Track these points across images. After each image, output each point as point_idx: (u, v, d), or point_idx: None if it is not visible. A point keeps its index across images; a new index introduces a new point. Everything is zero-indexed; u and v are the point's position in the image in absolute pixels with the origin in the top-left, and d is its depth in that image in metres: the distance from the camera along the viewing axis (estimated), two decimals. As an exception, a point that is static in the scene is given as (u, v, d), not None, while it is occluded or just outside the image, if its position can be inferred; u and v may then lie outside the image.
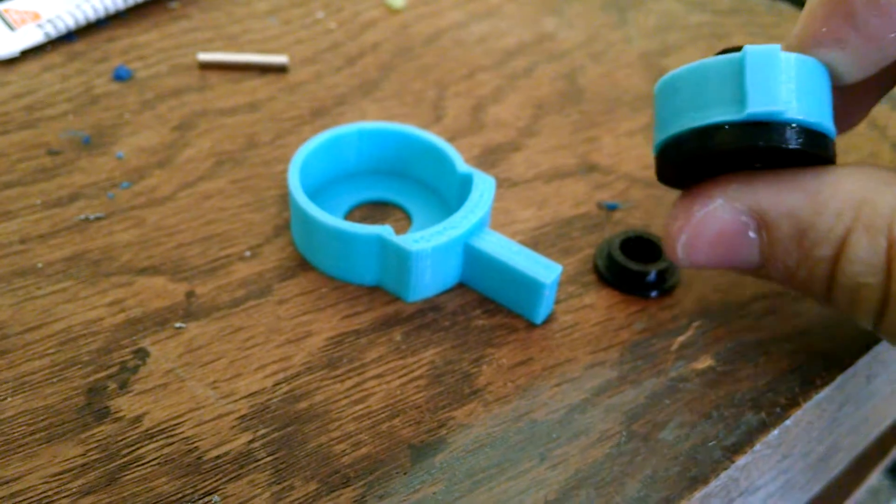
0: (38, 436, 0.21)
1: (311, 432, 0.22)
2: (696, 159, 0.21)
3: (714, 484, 0.22)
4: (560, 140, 0.34)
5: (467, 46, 0.40)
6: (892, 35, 0.20)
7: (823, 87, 0.21)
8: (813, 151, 0.20)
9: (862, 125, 0.37)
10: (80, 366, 0.23)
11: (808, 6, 0.21)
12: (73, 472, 0.21)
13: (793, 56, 0.20)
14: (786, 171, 0.21)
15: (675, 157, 0.21)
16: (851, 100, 0.24)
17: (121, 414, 0.22)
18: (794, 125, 0.20)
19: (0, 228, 0.27)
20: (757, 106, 0.20)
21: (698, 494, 0.22)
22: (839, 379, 0.25)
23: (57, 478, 0.20)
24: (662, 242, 0.23)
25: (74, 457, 0.21)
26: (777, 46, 0.20)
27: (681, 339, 0.26)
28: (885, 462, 0.54)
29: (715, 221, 0.21)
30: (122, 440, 0.21)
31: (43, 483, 0.20)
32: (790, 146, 0.20)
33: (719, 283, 0.28)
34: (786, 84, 0.20)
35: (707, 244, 0.22)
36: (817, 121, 0.20)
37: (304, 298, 0.26)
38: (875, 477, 0.60)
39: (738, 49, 0.21)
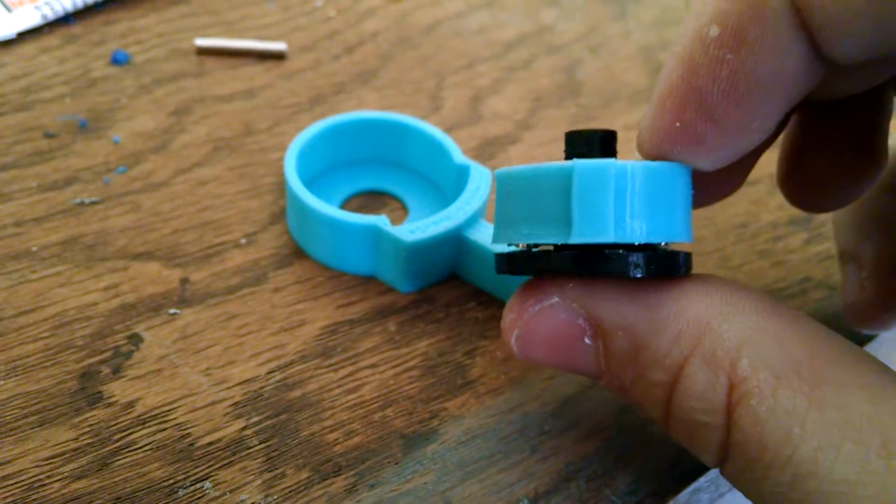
0: (30, 419, 0.21)
1: (303, 421, 0.22)
2: (528, 273, 0.19)
3: (703, 479, 0.22)
4: (557, 133, 0.34)
5: (466, 37, 0.40)
6: (755, 123, 0.17)
7: (677, 192, 0.18)
8: (654, 275, 0.18)
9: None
10: (73, 350, 0.23)
11: (655, 97, 0.18)
12: (65, 456, 0.21)
13: (635, 168, 0.17)
14: (630, 282, 0.18)
15: (507, 270, 0.19)
16: (721, 174, 0.21)
17: (114, 399, 0.22)
18: (633, 252, 0.17)
19: (-5, 211, 0.27)
20: (582, 235, 0.17)
21: (688, 489, 0.22)
22: (830, 377, 0.25)
23: (49, 461, 0.20)
24: (501, 334, 0.20)
25: (66, 441, 0.21)
26: (609, 163, 0.17)
27: (674, 334, 0.26)
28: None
29: (549, 320, 0.19)
30: (114, 425, 0.21)
31: (34, 467, 0.20)
32: (625, 274, 0.17)
33: (713, 280, 0.28)
34: (621, 206, 0.17)
35: (541, 343, 0.19)
36: (665, 239, 0.18)
37: (299, 287, 0.26)
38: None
39: (587, 142, 0.18)
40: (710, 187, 0.22)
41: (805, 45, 0.16)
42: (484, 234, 0.26)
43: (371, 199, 0.30)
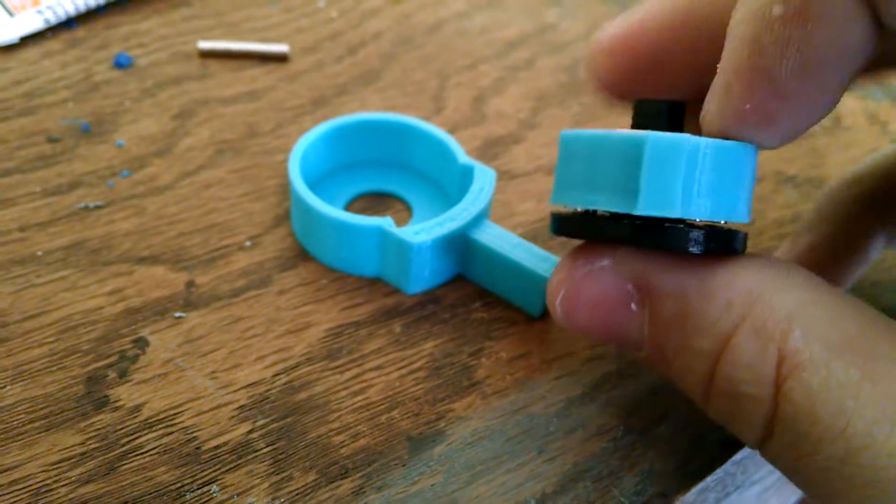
0: (37, 424, 0.21)
1: (310, 423, 0.22)
2: (584, 238, 0.19)
3: (710, 478, 0.22)
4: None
5: (469, 37, 0.40)
6: (825, 97, 0.17)
7: (743, 172, 0.18)
8: (712, 253, 0.18)
9: (862, 120, 0.37)
10: (79, 354, 0.23)
11: (720, 78, 0.18)
12: (72, 460, 0.21)
13: (707, 145, 0.17)
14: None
15: (563, 232, 0.19)
16: None
17: (120, 403, 0.22)
18: (694, 229, 0.17)
19: (-1, 216, 0.27)
20: (648, 208, 0.17)
21: (695, 489, 0.22)
22: (836, 375, 0.25)
23: (56, 466, 0.20)
24: (547, 297, 0.20)
25: (73, 445, 0.21)
26: (684, 139, 0.17)
27: (679, 333, 0.26)
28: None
29: (597, 284, 0.19)
30: (121, 429, 0.21)
31: (42, 471, 0.20)
32: (685, 250, 0.17)
33: (718, 278, 0.28)
34: (689, 182, 0.17)
35: (586, 307, 0.19)
36: (725, 217, 0.18)
37: (304, 289, 0.26)
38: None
39: (655, 113, 0.18)
40: None
41: (867, 16, 0.16)
42: (489, 235, 0.25)
43: (375, 201, 0.30)
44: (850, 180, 0.25)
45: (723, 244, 0.18)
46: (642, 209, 0.17)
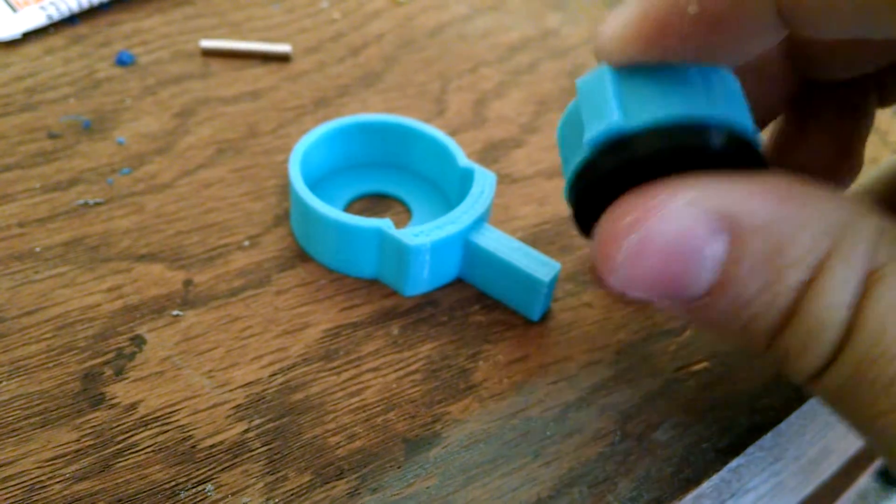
0: (32, 420, 0.21)
1: (306, 424, 0.22)
2: (619, 172, 0.18)
3: (706, 485, 0.22)
4: (561, 137, 0.34)
5: (471, 40, 0.40)
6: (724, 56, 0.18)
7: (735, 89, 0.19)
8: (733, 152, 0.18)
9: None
10: (76, 351, 0.23)
11: (626, 15, 0.18)
12: (67, 457, 0.21)
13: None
14: (757, 175, 0.18)
15: (602, 169, 0.18)
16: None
17: (116, 400, 0.22)
18: (719, 126, 0.18)
19: (-1, 211, 0.27)
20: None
21: (690, 495, 0.22)
22: (833, 384, 0.25)
23: (50, 463, 0.20)
24: (596, 249, 0.18)
25: (69, 442, 0.21)
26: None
27: (677, 340, 0.26)
28: (875, 465, 0.54)
29: (677, 221, 0.17)
30: (116, 427, 0.21)
31: (36, 468, 0.20)
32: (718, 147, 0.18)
33: (717, 285, 0.28)
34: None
35: (658, 253, 0.17)
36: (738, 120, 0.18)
37: (303, 290, 0.26)
38: (864, 480, 0.60)
39: None
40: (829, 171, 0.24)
41: (780, 29, 0.17)
42: (488, 238, 0.25)
43: (375, 203, 0.30)
44: (859, 192, 0.25)
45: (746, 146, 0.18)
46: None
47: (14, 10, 0.36)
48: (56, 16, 0.36)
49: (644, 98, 0.18)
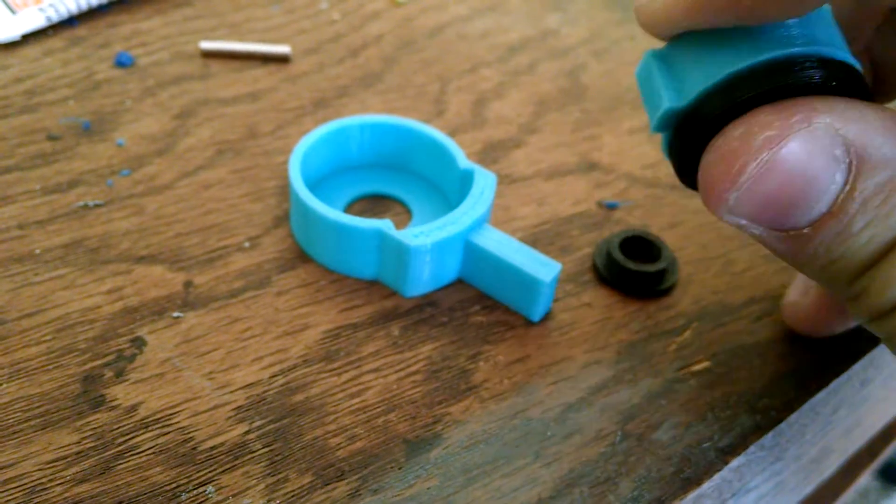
0: (33, 423, 0.21)
1: (306, 425, 0.22)
2: (726, 114, 0.18)
3: (707, 485, 0.22)
4: (561, 138, 0.34)
5: (470, 41, 0.40)
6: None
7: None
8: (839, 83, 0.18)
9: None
10: (76, 353, 0.23)
11: None
12: (68, 459, 0.21)
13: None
14: (884, 108, 0.17)
15: (727, 101, 0.18)
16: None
17: (116, 402, 0.22)
18: (840, 62, 0.18)
19: (-2, 213, 0.27)
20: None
21: (691, 495, 0.22)
22: (834, 383, 0.25)
23: (51, 465, 0.20)
24: (714, 166, 0.18)
25: (69, 444, 0.21)
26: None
27: (678, 339, 0.26)
28: (875, 464, 0.54)
29: (811, 143, 0.17)
30: (117, 429, 0.21)
31: (37, 470, 0.20)
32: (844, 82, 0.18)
33: (717, 285, 0.28)
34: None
35: (786, 173, 0.17)
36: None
37: (303, 291, 0.26)
38: (865, 478, 0.60)
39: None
40: None
41: None
42: (488, 239, 0.25)
43: (375, 203, 0.30)
44: None
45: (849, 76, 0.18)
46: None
47: (13, 11, 0.36)
48: (55, 17, 0.36)
49: (723, 51, 0.18)
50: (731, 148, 0.17)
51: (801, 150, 0.17)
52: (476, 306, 0.26)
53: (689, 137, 0.19)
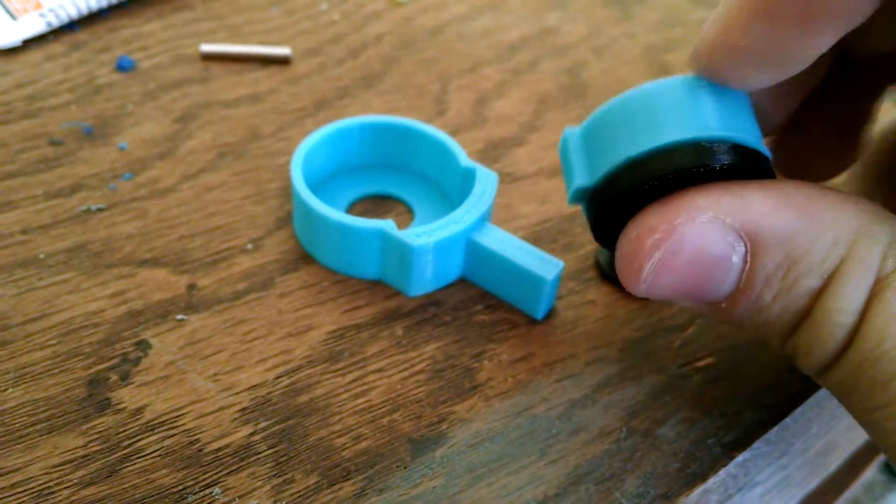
0: (39, 427, 0.21)
1: (311, 426, 0.22)
2: (635, 190, 0.19)
3: (713, 480, 0.22)
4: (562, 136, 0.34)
5: (470, 40, 0.40)
6: (814, 48, 0.18)
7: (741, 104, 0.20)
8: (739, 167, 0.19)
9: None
10: (81, 357, 0.23)
11: (723, 11, 0.19)
12: (74, 463, 0.21)
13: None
14: (774, 186, 0.19)
15: (635, 181, 0.19)
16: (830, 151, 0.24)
17: (122, 405, 0.22)
18: (733, 144, 0.19)
19: (1, 219, 0.27)
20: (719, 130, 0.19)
21: (697, 490, 0.22)
22: (839, 377, 0.25)
23: (58, 469, 0.20)
24: (620, 262, 0.20)
25: (75, 448, 0.21)
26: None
27: (681, 336, 0.26)
28: (881, 458, 0.54)
29: (698, 237, 0.18)
30: (123, 432, 0.21)
31: (44, 474, 0.20)
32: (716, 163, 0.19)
33: (720, 281, 0.28)
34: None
35: (683, 264, 0.19)
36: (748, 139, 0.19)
37: (306, 292, 0.26)
38: (870, 472, 0.60)
39: None
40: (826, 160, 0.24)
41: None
42: (491, 238, 0.25)
43: (377, 204, 0.30)
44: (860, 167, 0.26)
45: (751, 158, 0.19)
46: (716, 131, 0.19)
47: (14, 17, 0.36)
48: (55, 23, 0.36)
49: (649, 126, 0.19)
50: (628, 250, 0.19)
51: (690, 245, 0.18)
52: (479, 305, 0.26)
53: (599, 212, 0.20)
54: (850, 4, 0.17)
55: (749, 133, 0.19)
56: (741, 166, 0.19)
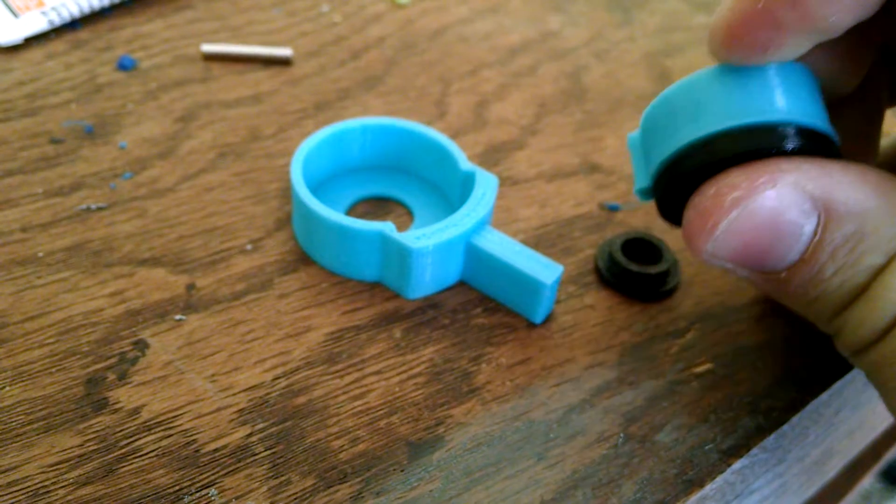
0: (36, 425, 0.21)
1: (309, 427, 0.22)
2: (705, 168, 0.20)
3: (710, 487, 0.22)
4: (562, 139, 0.34)
5: (472, 43, 0.40)
6: (832, 17, 0.18)
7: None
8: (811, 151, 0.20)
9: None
10: (79, 356, 0.23)
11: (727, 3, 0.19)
12: (71, 462, 0.21)
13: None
14: (852, 164, 0.19)
15: (704, 159, 0.20)
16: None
17: (119, 405, 0.22)
18: (799, 127, 0.20)
19: (1, 217, 0.27)
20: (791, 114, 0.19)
21: (694, 497, 0.22)
22: (837, 384, 0.25)
23: (54, 468, 0.20)
24: (692, 220, 0.20)
25: (72, 447, 0.21)
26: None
27: (680, 341, 0.26)
28: (878, 466, 0.54)
29: (777, 201, 0.19)
30: (120, 431, 0.21)
31: (40, 473, 0.20)
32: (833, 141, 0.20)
33: (719, 287, 0.28)
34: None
35: (754, 228, 0.19)
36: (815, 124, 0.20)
37: (305, 293, 0.26)
38: (868, 480, 0.60)
39: None
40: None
41: None
42: (490, 241, 0.25)
43: (376, 206, 0.30)
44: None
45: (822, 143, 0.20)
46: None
47: (15, 15, 0.36)
48: (57, 21, 0.36)
49: (720, 108, 0.20)
50: (704, 206, 0.19)
51: (768, 207, 0.19)
52: (478, 308, 0.26)
53: (666, 189, 0.21)
54: None
55: (815, 115, 0.20)
56: (809, 149, 0.19)
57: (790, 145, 0.19)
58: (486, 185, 0.27)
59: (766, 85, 0.19)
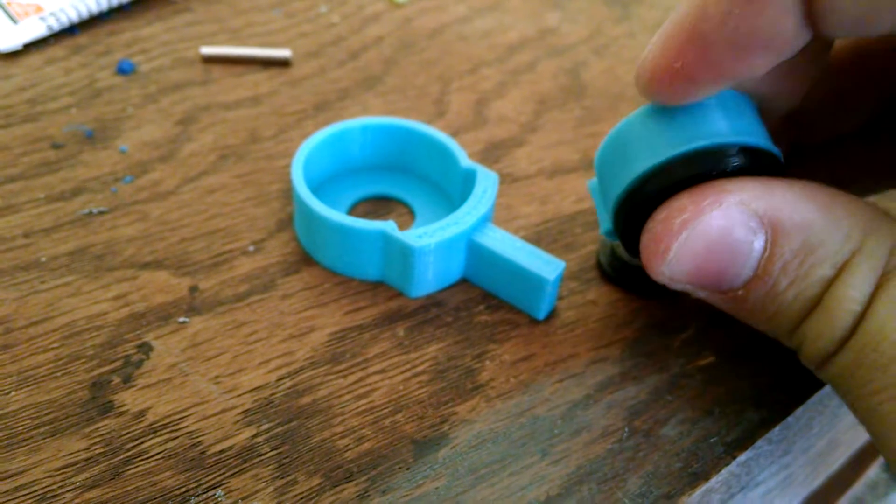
0: (42, 430, 0.21)
1: (314, 427, 0.22)
2: (662, 193, 0.21)
3: (715, 479, 0.22)
4: (562, 136, 0.34)
5: (470, 41, 0.40)
6: (745, 73, 0.19)
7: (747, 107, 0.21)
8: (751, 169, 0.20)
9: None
10: (84, 360, 0.23)
11: (661, 36, 0.20)
12: (78, 466, 0.21)
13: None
14: (795, 182, 0.20)
15: (653, 188, 0.20)
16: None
17: (125, 408, 0.22)
18: (741, 147, 0.20)
19: (3, 222, 0.27)
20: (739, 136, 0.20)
21: (699, 490, 0.22)
22: (840, 376, 0.25)
23: (61, 472, 0.20)
24: (647, 244, 0.20)
25: (78, 451, 0.21)
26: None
27: (683, 335, 0.26)
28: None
29: (724, 220, 0.19)
30: (125, 434, 0.21)
31: (47, 477, 0.20)
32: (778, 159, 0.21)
33: (721, 280, 0.28)
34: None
35: (705, 247, 0.19)
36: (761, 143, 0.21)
37: (308, 293, 0.26)
38: (873, 471, 0.60)
39: None
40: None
41: (802, 10, 0.18)
42: (492, 238, 0.26)
43: (378, 205, 0.30)
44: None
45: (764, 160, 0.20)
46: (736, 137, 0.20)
47: (14, 21, 0.36)
48: (56, 26, 0.36)
49: (661, 140, 0.21)
50: (656, 231, 0.20)
51: (716, 227, 0.19)
52: (481, 306, 0.26)
53: (627, 226, 0.22)
54: (778, 38, 0.18)
55: (756, 134, 0.20)
56: (753, 167, 0.20)
57: (733, 165, 0.20)
58: (487, 183, 0.27)
59: (703, 112, 0.20)
